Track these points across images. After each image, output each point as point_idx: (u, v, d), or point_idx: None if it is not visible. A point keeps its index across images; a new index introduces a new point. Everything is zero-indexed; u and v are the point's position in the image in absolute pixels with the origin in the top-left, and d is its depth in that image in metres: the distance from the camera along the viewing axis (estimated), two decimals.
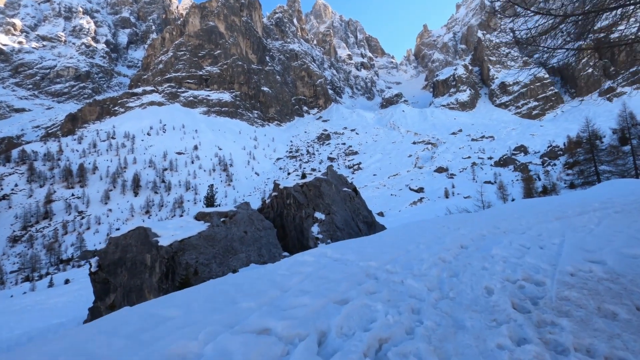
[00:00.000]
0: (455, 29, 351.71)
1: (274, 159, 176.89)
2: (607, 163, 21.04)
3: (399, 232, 9.40)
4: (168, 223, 13.20)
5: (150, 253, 12.24)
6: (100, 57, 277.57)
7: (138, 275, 12.29)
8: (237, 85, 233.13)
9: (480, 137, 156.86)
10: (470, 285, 4.51)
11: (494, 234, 7.83)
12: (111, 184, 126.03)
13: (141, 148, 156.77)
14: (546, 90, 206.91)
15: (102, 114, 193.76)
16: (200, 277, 11.76)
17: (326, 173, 19.71)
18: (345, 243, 8.20)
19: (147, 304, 4.36)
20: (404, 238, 8.06)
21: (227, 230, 13.24)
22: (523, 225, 8.36)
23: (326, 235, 15.49)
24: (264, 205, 19.51)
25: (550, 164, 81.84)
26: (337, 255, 6.68)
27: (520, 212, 10.20)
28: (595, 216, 7.84)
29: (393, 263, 5.82)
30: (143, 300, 12.12)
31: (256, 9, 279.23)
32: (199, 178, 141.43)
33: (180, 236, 12.33)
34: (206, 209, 14.15)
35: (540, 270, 4.94)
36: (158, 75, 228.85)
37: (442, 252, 6.27)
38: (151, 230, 12.58)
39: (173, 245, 11.99)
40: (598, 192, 11.11)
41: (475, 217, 10.71)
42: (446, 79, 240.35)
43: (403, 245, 7.14)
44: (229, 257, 12.58)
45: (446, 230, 8.61)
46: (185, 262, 11.82)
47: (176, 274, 11.89)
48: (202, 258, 12.07)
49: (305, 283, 4.77)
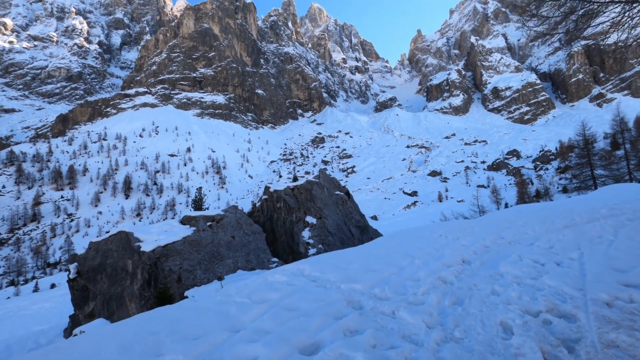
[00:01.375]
0: (449, 35, 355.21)
1: (267, 161, 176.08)
2: (602, 167, 20.95)
3: (392, 242, 8.49)
4: (152, 227, 12.64)
5: (131, 259, 11.67)
6: (92, 57, 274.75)
7: (119, 283, 11.70)
8: (231, 87, 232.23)
9: (473, 142, 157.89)
10: (480, 319, 3.66)
11: (499, 245, 7.06)
12: (102, 186, 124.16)
13: (133, 150, 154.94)
14: (538, 96, 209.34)
15: (94, 115, 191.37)
16: (183, 284, 11.21)
17: (318, 176, 19.28)
18: (328, 257, 7.34)
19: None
20: (396, 250, 7.22)
21: (214, 235, 12.72)
22: (529, 235, 7.56)
23: (317, 240, 15.03)
24: (254, 209, 18.99)
25: (543, 169, 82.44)
26: (315, 274, 5.86)
27: (523, 219, 9.48)
28: (607, 224, 7.21)
29: (382, 285, 4.95)
30: (124, 309, 11.54)
31: (251, 12, 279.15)
32: (191, 180, 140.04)
33: (163, 241, 11.78)
34: (192, 212, 13.62)
35: (567, 297, 4.07)
36: (151, 76, 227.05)
37: (442, 270, 5.49)
38: (133, 234, 12.01)
39: (156, 250, 11.43)
40: (601, 198, 10.54)
41: (474, 224, 9.95)
42: (440, 84, 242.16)
43: (395, 260, 6.29)
44: (215, 263, 12.06)
45: (444, 241, 7.80)
46: (169, 268, 11.27)
47: (159, 281, 11.33)
48: (186, 264, 11.53)
49: (266, 318, 3.84)
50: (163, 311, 4.43)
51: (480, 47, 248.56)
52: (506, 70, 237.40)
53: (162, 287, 8.70)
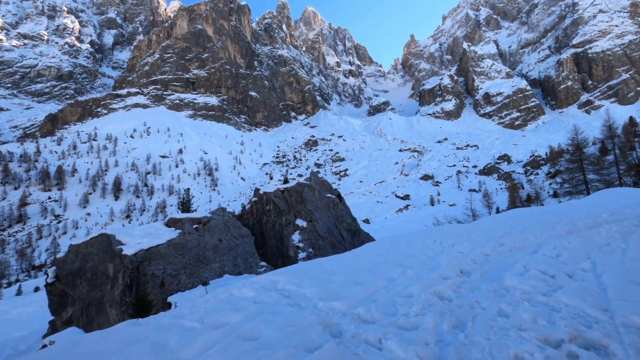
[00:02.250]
0: (442, 40, 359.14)
1: (260, 164, 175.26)
2: (593, 172, 21.05)
3: (381, 249, 7.82)
4: (135, 230, 12.19)
5: (113, 263, 11.21)
6: (84, 57, 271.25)
7: (99, 287, 11.22)
8: (225, 89, 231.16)
9: (465, 146, 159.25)
10: (488, 351, 2.93)
11: (499, 252, 6.43)
12: (91, 187, 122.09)
13: (124, 151, 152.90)
14: (528, 102, 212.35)
15: (84, 115, 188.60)
16: (167, 289, 10.79)
17: (309, 178, 18.97)
18: (308, 266, 6.66)
19: None
20: (386, 259, 6.55)
21: (200, 238, 12.31)
22: (531, 241, 6.98)
23: (307, 244, 14.70)
24: (244, 211, 18.60)
25: (533, 173, 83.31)
26: (290, 287, 5.11)
27: (522, 224, 8.95)
28: (613, 230, 6.77)
29: (368, 303, 4.21)
30: (104, 315, 11.06)
31: (245, 14, 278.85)
32: (183, 182, 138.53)
33: (147, 244, 11.34)
34: (178, 214, 13.20)
35: (591, 320, 3.33)
36: (143, 77, 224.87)
37: (438, 283, 4.85)
38: (115, 237, 11.55)
39: (138, 254, 10.99)
40: (598, 202, 10.21)
41: (471, 229, 9.33)
42: (432, 89, 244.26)
43: (385, 271, 5.62)
44: (200, 267, 11.65)
45: (439, 248, 7.18)
46: (151, 273, 10.84)
47: (141, 286, 10.88)
48: (170, 269, 11.11)
49: (213, 354, 3.01)
50: (84, 344, 3.47)
51: (472, 53, 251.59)
52: (497, 76, 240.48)
53: (140, 294, 8.25)
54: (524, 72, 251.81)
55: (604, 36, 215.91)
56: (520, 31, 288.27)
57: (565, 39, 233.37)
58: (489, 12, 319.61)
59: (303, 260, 14.10)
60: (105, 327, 11.46)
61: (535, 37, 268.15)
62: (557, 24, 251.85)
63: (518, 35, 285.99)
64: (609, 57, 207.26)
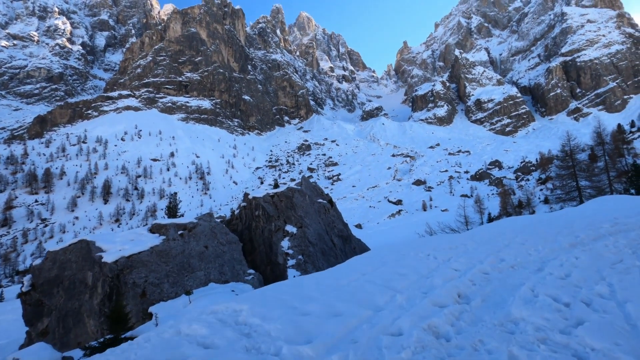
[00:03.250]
0: (434, 47, 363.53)
1: (253, 168, 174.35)
2: (585, 179, 21.12)
3: (369, 264, 6.99)
4: (116, 236, 11.70)
5: (92, 271, 10.70)
6: (75, 59, 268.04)
7: (77, 297, 10.69)
8: (218, 92, 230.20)
9: (457, 152, 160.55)
10: None
11: (500, 270, 5.76)
12: (79, 190, 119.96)
13: (114, 154, 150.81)
14: (518, 109, 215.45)
15: (74, 117, 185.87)
16: (148, 299, 10.31)
17: (300, 183, 18.64)
18: (281, 290, 5.80)
19: None
20: (374, 278, 5.75)
21: (185, 245, 11.87)
22: (534, 256, 6.32)
23: (297, 251, 14.33)
24: (233, 217, 18.17)
25: (524, 179, 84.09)
26: (253, 321, 4.31)
27: (520, 235, 8.27)
28: (620, 244, 6.22)
29: (346, 347, 3.46)
30: (81, 326, 10.52)
31: (239, 18, 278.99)
32: (174, 186, 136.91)
33: (128, 251, 10.87)
34: (163, 220, 12.74)
35: None
36: (135, 79, 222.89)
37: (433, 314, 4.13)
38: (95, 244, 11.06)
39: (119, 261, 10.51)
40: (596, 211, 9.87)
41: (466, 240, 8.64)
42: (425, 95, 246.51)
43: (370, 296, 4.87)
44: (184, 275, 11.20)
45: (433, 263, 6.46)
46: (132, 281, 10.36)
47: (121, 295, 10.39)
48: (152, 277, 10.64)
49: None
50: None
51: (463, 60, 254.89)
52: (488, 83, 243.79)
53: (115, 305, 7.76)
54: (515, 80, 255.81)
55: (591, 45, 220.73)
56: (511, 39, 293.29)
57: (555, 48, 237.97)
58: (481, 20, 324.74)
59: (292, 267, 13.72)
60: (83, 338, 10.92)
61: (526, 46, 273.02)
62: (546, 33, 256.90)
63: (509, 43, 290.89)
64: (597, 65, 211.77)
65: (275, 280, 14.15)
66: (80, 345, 9.56)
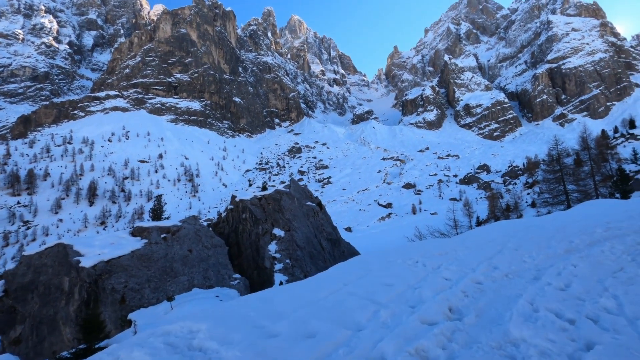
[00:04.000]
0: (424, 52, 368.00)
1: (243, 170, 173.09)
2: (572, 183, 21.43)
3: (352, 272, 6.42)
4: (95, 239, 11.27)
5: (69, 276, 10.25)
6: (61, 58, 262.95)
7: (52, 303, 10.22)
8: (208, 94, 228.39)
9: (446, 156, 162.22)
10: None
11: (494, 279, 5.33)
12: (64, 192, 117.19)
13: (100, 155, 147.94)
14: (506, 114, 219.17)
15: (60, 117, 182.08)
16: (127, 305, 9.91)
17: (289, 185, 18.38)
18: (248, 304, 5.08)
19: None
20: (356, 289, 5.17)
21: (168, 249, 11.49)
22: (529, 263, 5.99)
23: (284, 255, 14.05)
24: (220, 220, 17.80)
25: (512, 183, 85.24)
26: (210, 345, 3.74)
27: (513, 240, 7.94)
28: (617, 250, 5.97)
29: None
30: (56, 334, 10.05)
31: (230, 20, 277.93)
32: (162, 188, 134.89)
33: (108, 255, 10.45)
34: (145, 222, 12.34)
35: None
36: (124, 80, 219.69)
37: (422, 335, 3.66)
38: (73, 248, 10.61)
39: (97, 266, 10.09)
40: (586, 215, 9.79)
41: (457, 246, 8.22)
42: (415, 99, 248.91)
43: (350, 312, 4.33)
44: (167, 280, 10.83)
45: (422, 272, 5.97)
46: (111, 287, 9.94)
47: (99, 301, 9.96)
48: (132, 282, 10.24)
49: None
50: None
51: (453, 66, 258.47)
52: (477, 89, 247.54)
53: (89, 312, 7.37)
54: (502, 85, 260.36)
55: (576, 53, 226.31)
56: (499, 46, 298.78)
57: (541, 55, 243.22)
58: (469, 26, 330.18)
59: (279, 272, 13.44)
60: (58, 347, 10.43)
61: (513, 52, 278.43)
62: (532, 40, 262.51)
63: (496, 49, 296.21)
64: (581, 73, 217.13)
65: (262, 285, 13.84)
66: (54, 355, 9.12)
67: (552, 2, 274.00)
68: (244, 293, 11.95)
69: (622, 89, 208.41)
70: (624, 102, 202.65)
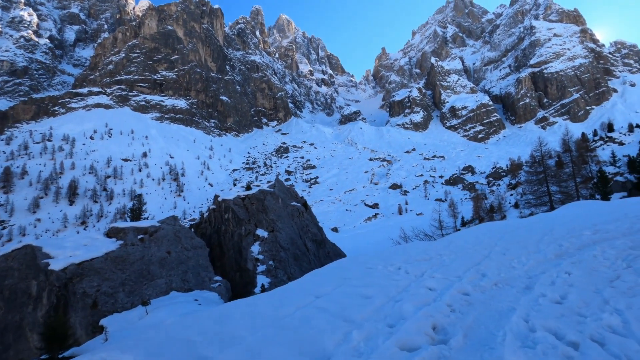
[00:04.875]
0: (411, 54, 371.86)
1: (229, 170, 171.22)
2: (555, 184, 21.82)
3: (327, 282, 5.67)
4: (67, 240, 10.72)
5: (37, 279, 9.69)
6: (41, 52, 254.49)
7: (18, 309, 9.64)
8: (194, 92, 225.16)
9: (432, 157, 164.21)
10: None
11: (483, 290, 4.83)
12: (43, 191, 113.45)
13: (82, 153, 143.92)
14: (490, 116, 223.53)
15: (39, 113, 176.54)
16: (100, 310, 9.43)
17: (273, 185, 18.05)
18: (194, 327, 4.28)
19: None
20: (327, 303, 4.57)
21: (145, 250, 11.03)
22: (518, 270, 5.56)
23: (268, 256, 13.73)
24: (202, 220, 17.35)
25: (495, 184, 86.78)
26: None
27: (500, 244, 7.56)
28: (610, 254, 5.67)
29: None
30: (23, 341, 9.48)
31: (218, 17, 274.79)
32: (146, 187, 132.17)
33: (79, 257, 9.94)
34: (121, 223, 11.84)
35: None
36: (107, 76, 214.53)
37: None
38: (42, 249, 10.04)
39: (68, 269, 9.57)
40: (572, 217, 9.68)
41: (442, 250, 7.76)
42: (402, 100, 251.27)
43: (318, 332, 3.77)
44: (143, 283, 10.38)
45: (404, 280, 5.39)
46: (82, 291, 9.45)
47: (69, 306, 9.45)
48: (106, 286, 9.76)
49: None
50: None
51: (439, 68, 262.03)
52: (462, 91, 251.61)
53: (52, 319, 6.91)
54: (487, 88, 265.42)
55: (557, 58, 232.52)
56: (484, 49, 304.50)
57: (524, 59, 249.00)
58: (456, 30, 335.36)
59: (262, 273, 13.11)
60: (25, 355, 9.86)
61: (497, 56, 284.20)
62: (516, 45, 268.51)
63: (482, 53, 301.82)
64: (562, 77, 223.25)
65: (244, 286, 13.49)
66: None
67: (535, 8, 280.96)
68: (224, 296, 11.60)
69: (600, 93, 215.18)
70: (602, 107, 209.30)
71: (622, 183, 21.44)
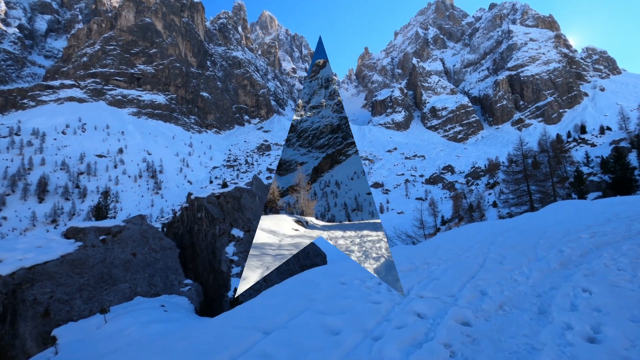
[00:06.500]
0: (393, 55, 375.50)
1: (210, 167, 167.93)
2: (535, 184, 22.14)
3: (280, 310, 4.38)
4: (19, 242, 9.74)
5: None
6: (10, 42, 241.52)
7: None
8: (174, 87, 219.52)
9: (412, 156, 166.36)
10: None
11: (487, 316, 3.63)
12: (9, 188, 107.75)
13: (53, 148, 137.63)
14: (469, 117, 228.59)
15: (7, 106, 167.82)
16: (52, 319, 8.55)
17: (251, 183, 17.35)
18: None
19: None
20: (275, 350, 3.18)
21: (107, 252, 10.17)
22: (523, 285, 4.52)
23: (243, 257, 13.07)
24: (174, 219, 16.46)
25: (474, 184, 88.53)
26: None
27: (494, 249, 6.65)
28: (623, 263, 4.84)
29: None
30: None
31: (199, 11, 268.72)
32: (122, 184, 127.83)
33: (31, 261, 9.00)
34: (81, 222, 10.90)
35: None
36: (81, 68, 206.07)
37: None
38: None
39: (16, 274, 8.63)
40: (561, 217, 9.43)
41: (429, 257, 6.76)
42: (384, 100, 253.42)
43: None
44: (103, 289, 9.53)
45: (386, 302, 4.16)
46: (33, 298, 8.54)
47: (18, 315, 8.53)
48: (60, 292, 8.88)
49: None
50: None
51: (420, 69, 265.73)
52: (443, 92, 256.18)
53: None
54: (466, 90, 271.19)
55: (533, 62, 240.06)
56: (464, 52, 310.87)
57: (502, 62, 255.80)
58: (437, 32, 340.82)
59: (237, 276, 12.44)
60: None
61: (476, 58, 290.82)
62: (494, 48, 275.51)
63: (461, 55, 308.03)
64: (537, 81, 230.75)
65: (217, 290, 12.78)
66: None
67: (513, 13, 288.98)
68: (195, 300, 10.88)
69: (573, 97, 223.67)
70: (574, 110, 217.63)
71: (598, 183, 22.00)
